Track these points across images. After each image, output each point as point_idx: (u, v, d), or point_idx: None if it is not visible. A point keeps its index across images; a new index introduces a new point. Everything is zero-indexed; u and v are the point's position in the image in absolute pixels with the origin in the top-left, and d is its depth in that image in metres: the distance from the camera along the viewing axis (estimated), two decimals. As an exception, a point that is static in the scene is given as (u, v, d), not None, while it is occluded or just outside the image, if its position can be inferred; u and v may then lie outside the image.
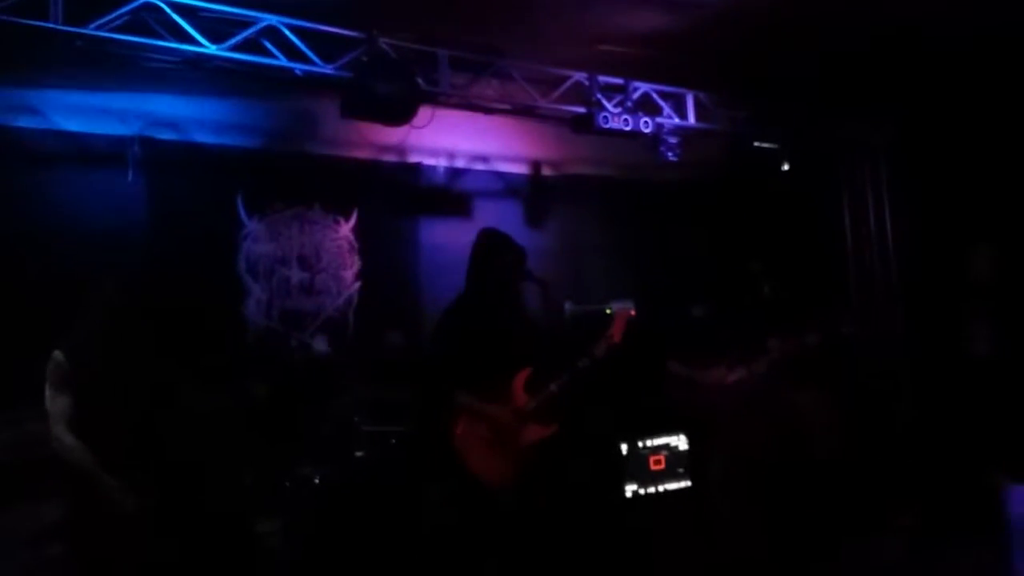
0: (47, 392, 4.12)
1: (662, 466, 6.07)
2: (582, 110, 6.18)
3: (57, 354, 4.14)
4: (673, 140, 6.55)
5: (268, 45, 5.22)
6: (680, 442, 6.12)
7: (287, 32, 5.22)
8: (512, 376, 4.99)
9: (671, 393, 6.01)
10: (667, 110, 6.63)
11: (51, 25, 4.49)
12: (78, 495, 4.13)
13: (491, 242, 5.18)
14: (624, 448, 6.02)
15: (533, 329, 5.25)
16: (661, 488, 6.05)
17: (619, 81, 6.37)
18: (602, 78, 6.27)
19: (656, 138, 6.45)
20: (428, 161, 7.64)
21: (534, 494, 5.01)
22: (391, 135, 6.34)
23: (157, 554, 4.17)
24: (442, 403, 4.97)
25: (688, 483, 6.08)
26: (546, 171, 8.24)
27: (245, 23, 5.11)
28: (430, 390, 5.25)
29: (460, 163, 7.84)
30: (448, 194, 7.76)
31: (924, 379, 7.13)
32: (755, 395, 5.55)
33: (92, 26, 4.65)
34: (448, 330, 5.07)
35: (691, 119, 6.76)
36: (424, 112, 5.74)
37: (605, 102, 6.25)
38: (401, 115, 5.52)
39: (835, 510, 4.86)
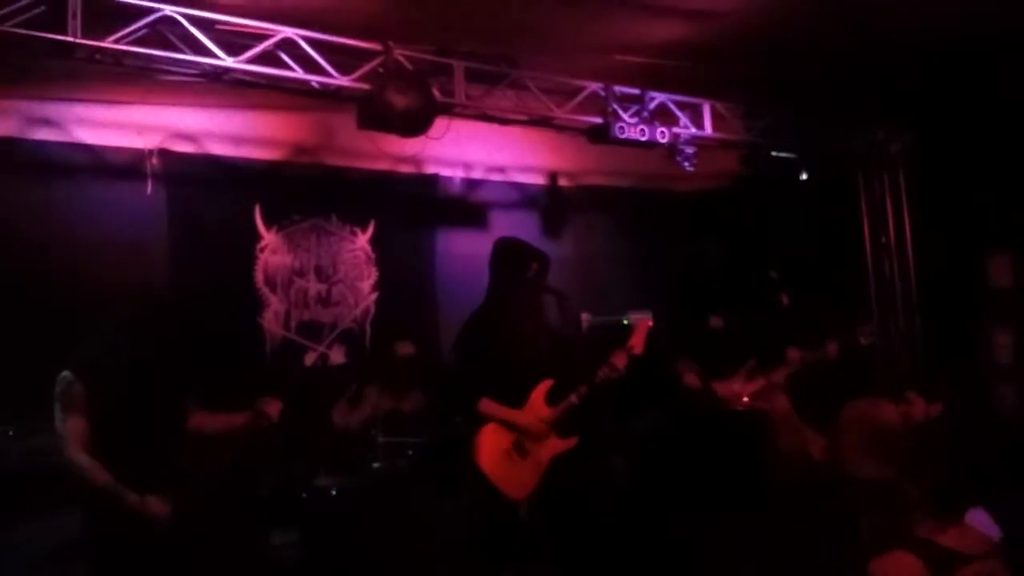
0: (58, 414, 4.02)
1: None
2: (598, 120, 6.16)
3: (67, 375, 4.04)
4: (690, 150, 6.51)
5: (285, 58, 5.23)
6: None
7: (304, 45, 5.23)
8: (532, 387, 4.97)
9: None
10: (684, 120, 6.60)
11: (69, 39, 4.50)
12: (96, 512, 4.10)
13: (515, 250, 5.18)
14: None
15: (554, 340, 5.23)
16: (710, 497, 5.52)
17: (635, 91, 6.35)
18: (618, 88, 6.26)
19: (673, 148, 6.42)
20: (445, 172, 7.67)
21: (554, 506, 4.98)
22: (408, 146, 6.35)
23: (175, 569, 4.15)
24: (464, 413, 4.96)
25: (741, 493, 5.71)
26: (563, 182, 8.26)
27: (262, 36, 5.12)
28: (452, 400, 5.24)
29: (477, 174, 7.86)
30: (465, 205, 7.78)
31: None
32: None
33: (110, 39, 4.66)
34: (470, 340, 5.06)
35: (708, 129, 6.73)
36: (440, 123, 5.75)
37: (621, 112, 6.23)
38: (417, 127, 5.52)
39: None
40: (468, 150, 7.46)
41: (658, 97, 6.46)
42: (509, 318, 4.99)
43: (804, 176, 7.45)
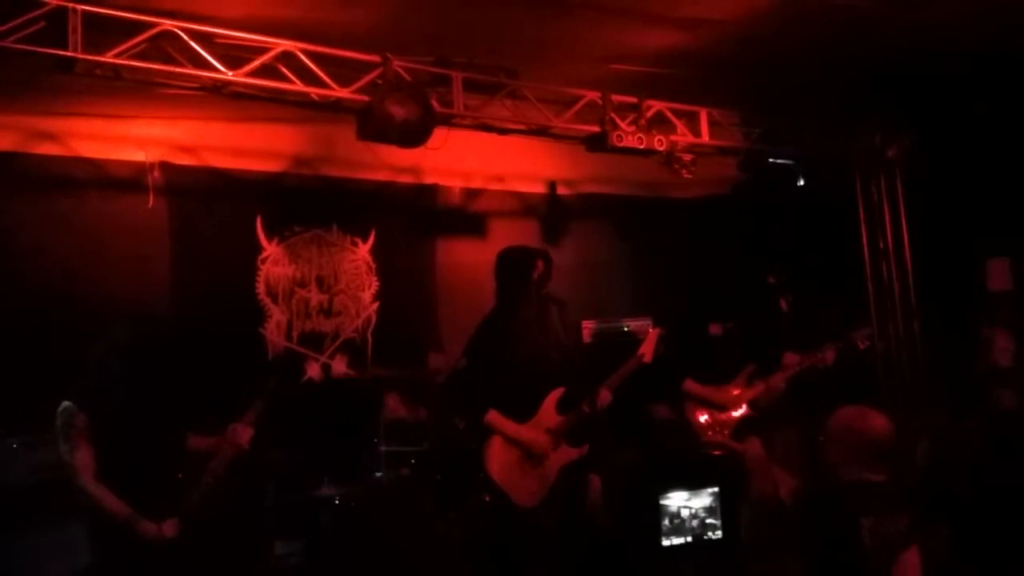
0: (62, 445, 4.01)
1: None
2: (596, 129, 6.19)
3: (69, 405, 4.04)
4: (687, 157, 6.55)
5: (284, 70, 5.27)
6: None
7: (303, 57, 5.27)
8: (544, 395, 4.99)
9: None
10: (681, 128, 6.64)
11: (70, 53, 4.54)
12: (101, 530, 4.10)
13: (518, 253, 5.23)
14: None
15: (565, 348, 5.25)
16: (690, 538, 5.60)
17: (632, 100, 6.38)
18: (615, 97, 6.29)
19: (670, 156, 6.45)
20: (444, 182, 7.69)
21: (563, 514, 4.99)
22: (407, 156, 6.38)
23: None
24: (472, 420, 4.99)
25: (720, 534, 5.63)
26: (562, 190, 8.28)
27: (262, 49, 5.16)
28: (463, 408, 5.27)
29: (476, 183, 7.89)
30: (464, 214, 7.80)
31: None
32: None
33: (110, 54, 4.70)
34: (481, 347, 5.09)
35: (705, 136, 6.77)
36: (439, 133, 5.78)
37: (619, 121, 6.26)
38: (416, 137, 5.55)
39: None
40: (467, 160, 7.48)
41: (655, 105, 6.49)
42: (519, 326, 5.02)
43: (802, 182, 7.48)
